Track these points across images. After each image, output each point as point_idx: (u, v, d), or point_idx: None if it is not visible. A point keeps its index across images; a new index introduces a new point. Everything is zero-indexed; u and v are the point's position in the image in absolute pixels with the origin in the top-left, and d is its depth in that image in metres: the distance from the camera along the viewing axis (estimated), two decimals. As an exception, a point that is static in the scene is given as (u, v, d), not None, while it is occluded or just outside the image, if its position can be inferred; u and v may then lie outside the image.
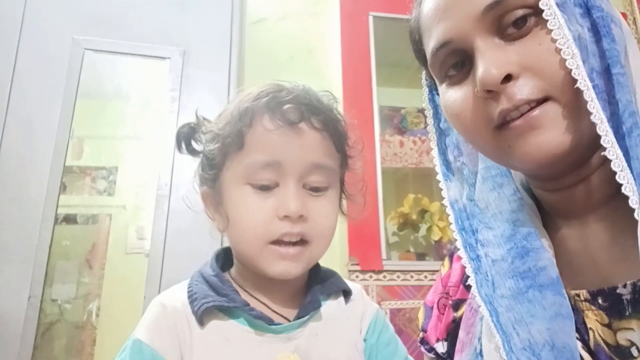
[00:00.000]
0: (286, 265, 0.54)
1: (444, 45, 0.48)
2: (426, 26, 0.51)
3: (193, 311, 0.53)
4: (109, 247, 2.11)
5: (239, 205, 0.55)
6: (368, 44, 2.00)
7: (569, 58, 0.41)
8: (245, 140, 0.54)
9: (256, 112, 0.55)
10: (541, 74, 0.42)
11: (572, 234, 0.50)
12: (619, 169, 0.39)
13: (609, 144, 0.39)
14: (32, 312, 1.47)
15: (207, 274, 0.57)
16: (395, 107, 2.25)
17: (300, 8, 2.14)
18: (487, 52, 0.44)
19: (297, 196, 0.54)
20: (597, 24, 0.44)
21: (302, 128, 0.54)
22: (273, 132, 0.53)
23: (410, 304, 1.71)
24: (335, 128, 0.58)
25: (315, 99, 0.57)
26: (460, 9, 0.46)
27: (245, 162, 0.54)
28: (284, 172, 0.54)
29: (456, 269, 0.62)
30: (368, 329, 0.61)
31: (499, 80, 0.43)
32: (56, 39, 1.71)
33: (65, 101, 1.66)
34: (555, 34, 0.41)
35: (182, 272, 0.62)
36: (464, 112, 0.48)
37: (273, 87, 0.57)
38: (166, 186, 1.66)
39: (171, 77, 1.76)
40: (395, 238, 2.10)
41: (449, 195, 0.58)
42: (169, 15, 1.84)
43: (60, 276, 1.90)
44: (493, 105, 0.45)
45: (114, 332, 1.88)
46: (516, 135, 0.44)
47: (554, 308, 0.44)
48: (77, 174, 2.12)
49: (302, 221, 0.54)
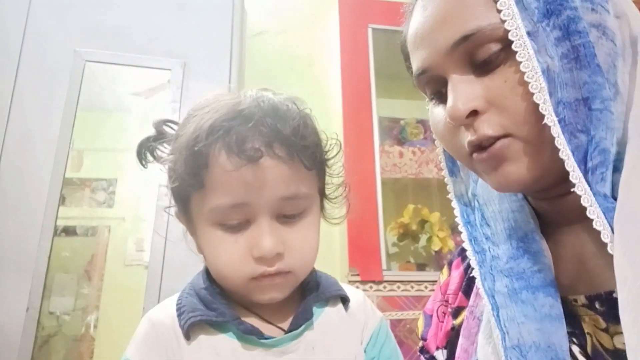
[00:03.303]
0: (271, 295, 0.53)
1: (423, 73, 0.49)
2: (409, 49, 0.52)
3: (180, 325, 0.52)
4: (108, 258, 2.10)
5: (212, 247, 0.52)
6: (367, 56, 2.02)
7: (536, 92, 0.41)
8: (204, 181, 0.50)
9: (211, 151, 0.49)
10: (504, 111, 0.43)
11: (568, 240, 0.50)
12: (587, 204, 0.40)
13: (576, 179, 0.40)
14: (30, 324, 1.46)
15: (198, 286, 0.56)
16: (395, 118, 2.26)
17: (300, 21, 2.16)
18: (457, 86, 0.45)
19: (271, 234, 0.50)
20: (578, 51, 0.42)
21: (264, 163, 0.49)
22: (233, 172, 0.48)
23: (410, 314, 1.70)
24: (304, 147, 0.51)
25: (278, 120, 0.50)
26: (433, 40, 0.47)
27: (209, 205, 0.50)
28: (253, 211, 0.50)
29: (455, 277, 0.62)
30: (370, 339, 0.59)
31: (464, 116, 0.44)
32: (57, 51, 1.72)
33: (65, 113, 1.66)
34: (523, 66, 0.41)
35: (181, 284, 0.61)
36: (443, 135, 0.50)
37: (227, 111, 0.50)
38: (166, 198, 1.65)
39: (172, 89, 1.77)
40: (395, 248, 2.09)
41: (455, 190, 0.59)
42: (169, 28, 1.85)
43: (58, 288, 1.89)
44: (463, 135, 0.47)
45: (112, 345, 1.86)
46: (484, 166, 0.46)
47: (545, 309, 0.45)
48: (76, 185, 2.12)
49: (279, 259, 0.51)
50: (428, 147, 2.11)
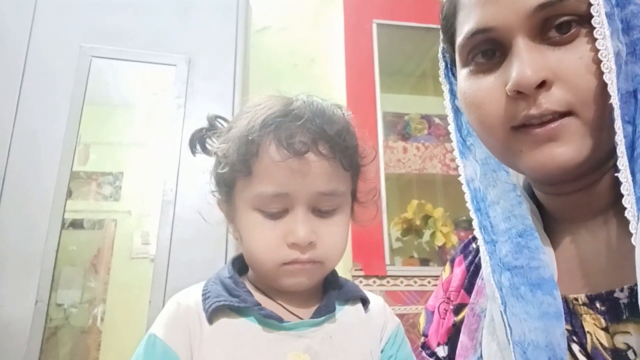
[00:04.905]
0: (299, 280, 0.56)
1: (483, 32, 0.46)
2: (467, 3, 0.48)
3: (204, 309, 0.55)
4: (114, 252, 2.12)
5: (250, 230, 0.56)
6: (372, 51, 2.02)
7: (607, 72, 0.40)
8: (252, 169, 0.55)
9: (262, 142, 0.54)
10: (573, 88, 0.42)
11: (572, 238, 0.50)
12: (626, 192, 0.40)
13: (622, 166, 0.40)
14: (38, 317, 1.48)
15: (223, 276, 0.60)
16: (399, 114, 2.26)
17: (304, 16, 2.16)
18: (526, 52, 0.43)
19: (306, 223, 0.54)
20: (635, 45, 0.43)
21: (309, 158, 0.53)
22: (280, 163, 0.53)
23: (413, 309, 1.72)
24: (345, 148, 0.56)
25: (324, 121, 0.55)
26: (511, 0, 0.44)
27: (253, 191, 0.55)
28: (292, 201, 0.54)
29: (457, 274, 0.63)
30: (389, 339, 0.61)
31: (535, 85, 0.42)
32: (63, 47, 1.73)
33: (72, 108, 1.68)
34: (599, 44, 0.41)
35: (187, 277, 0.64)
36: (486, 105, 0.47)
37: (280, 109, 0.56)
38: (171, 192, 1.67)
39: (177, 84, 1.78)
40: (399, 244, 2.10)
41: (465, 174, 0.56)
42: (174, 24, 1.86)
43: (66, 281, 1.91)
44: (520, 106, 0.44)
45: (119, 337, 1.89)
46: (532, 142, 0.44)
47: (543, 307, 0.45)
48: (83, 179, 2.14)
49: (311, 247, 0.55)
50: (432, 142, 2.12)
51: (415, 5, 2.10)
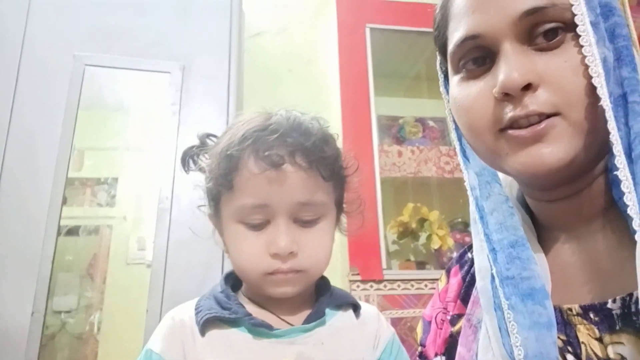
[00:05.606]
0: (284, 289, 0.58)
1: (473, 38, 0.48)
2: (457, 13, 0.50)
3: (197, 322, 0.57)
4: (110, 258, 2.12)
5: (235, 242, 0.58)
6: (365, 55, 2.03)
7: (595, 76, 0.42)
8: (234, 182, 0.57)
9: (241, 156, 0.56)
10: (559, 90, 0.43)
11: (565, 247, 0.51)
12: (627, 190, 0.40)
13: (621, 165, 0.41)
14: (35, 327, 1.47)
15: (216, 291, 0.61)
16: (393, 117, 2.27)
17: (298, 21, 2.16)
18: (513, 56, 0.45)
19: (287, 234, 0.56)
20: (621, 52, 0.45)
21: (286, 169, 0.55)
22: (258, 175, 0.55)
23: (411, 312, 1.72)
24: (323, 159, 0.58)
25: (301, 132, 0.57)
26: (498, 6, 0.46)
27: (236, 204, 0.57)
28: (273, 212, 0.56)
29: (453, 284, 0.63)
30: (385, 349, 0.62)
31: (521, 86, 0.44)
32: (57, 55, 1.72)
33: (66, 115, 1.67)
34: (585, 50, 0.42)
35: (184, 283, 0.66)
36: (474, 109, 0.48)
37: (258, 124, 0.58)
38: (167, 199, 1.67)
39: (171, 91, 1.78)
40: (395, 247, 2.11)
41: (469, 181, 0.57)
42: (168, 31, 1.85)
43: (62, 288, 1.90)
44: (507, 108, 0.45)
45: (116, 344, 1.88)
46: (518, 143, 0.45)
47: (533, 317, 0.45)
48: (77, 185, 2.13)
49: (292, 257, 0.56)
50: (427, 145, 2.12)
51: (407, 10, 2.11)
